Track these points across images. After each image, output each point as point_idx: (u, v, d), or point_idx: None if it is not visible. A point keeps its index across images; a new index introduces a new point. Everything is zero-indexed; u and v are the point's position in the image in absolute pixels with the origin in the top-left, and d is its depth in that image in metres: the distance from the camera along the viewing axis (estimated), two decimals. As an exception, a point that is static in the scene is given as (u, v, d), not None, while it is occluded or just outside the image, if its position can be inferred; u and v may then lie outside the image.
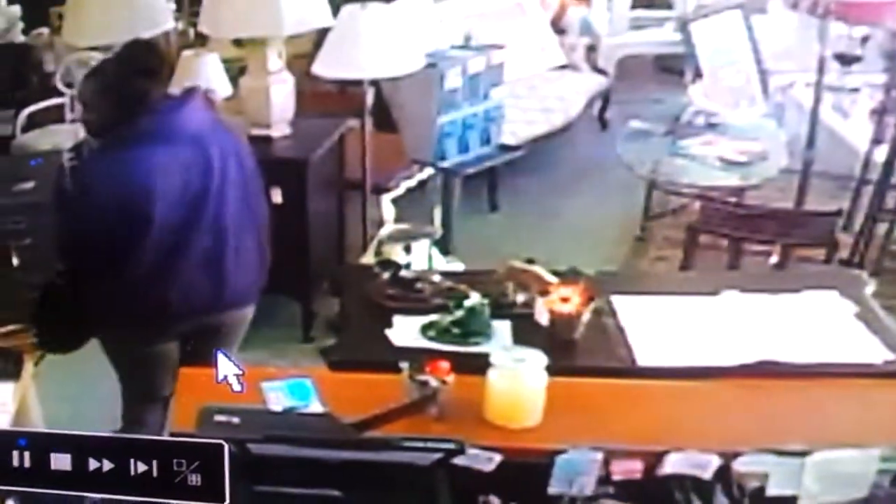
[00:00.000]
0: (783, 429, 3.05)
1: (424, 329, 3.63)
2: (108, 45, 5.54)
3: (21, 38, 7.35)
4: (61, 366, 4.14)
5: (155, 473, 2.33)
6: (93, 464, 2.33)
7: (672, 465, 2.85)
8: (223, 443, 2.33)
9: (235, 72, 5.73)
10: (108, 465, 2.33)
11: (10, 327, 3.91)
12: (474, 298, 3.68)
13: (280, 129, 5.53)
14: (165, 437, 2.58)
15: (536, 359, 3.10)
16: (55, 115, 6.44)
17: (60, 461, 2.33)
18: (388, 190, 6.37)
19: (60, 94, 6.20)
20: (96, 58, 5.68)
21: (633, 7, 9.04)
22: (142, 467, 2.32)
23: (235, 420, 2.73)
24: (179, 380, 3.36)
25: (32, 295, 4.00)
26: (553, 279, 3.76)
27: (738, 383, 3.32)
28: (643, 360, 3.50)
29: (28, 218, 5.13)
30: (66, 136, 5.61)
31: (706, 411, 3.18)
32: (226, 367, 2.89)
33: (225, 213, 3.88)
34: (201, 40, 6.30)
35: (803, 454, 2.84)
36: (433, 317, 3.67)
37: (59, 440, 2.35)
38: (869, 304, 3.83)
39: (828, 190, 6.83)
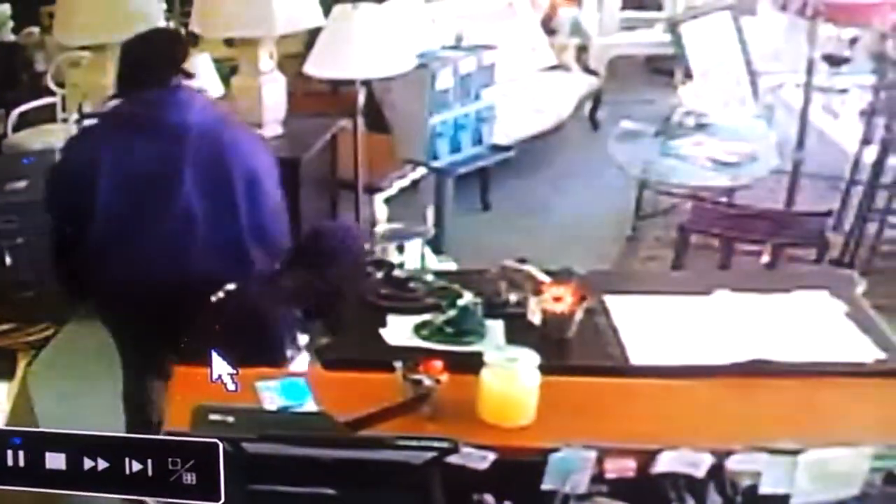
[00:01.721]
0: (776, 427, 3.05)
1: (418, 328, 3.63)
2: (99, 45, 5.56)
3: (11, 37, 7.34)
4: (55, 364, 4.15)
5: (150, 472, 2.32)
6: (87, 463, 2.33)
7: (665, 463, 2.86)
8: (218, 442, 2.33)
9: (227, 71, 5.73)
10: (102, 465, 2.32)
11: (4, 326, 3.91)
12: (467, 298, 3.69)
13: (272, 129, 5.53)
14: (160, 436, 2.57)
15: (529, 358, 3.10)
16: (46, 114, 6.44)
17: (55, 460, 2.33)
18: (380, 190, 6.38)
19: (52, 94, 6.20)
20: (87, 57, 5.70)
21: (624, 8, 9.06)
22: (136, 466, 2.32)
23: (230, 419, 2.74)
24: (174, 379, 3.36)
25: (26, 294, 4.01)
26: (545, 278, 3.76)
27: (731, 382, 3.32)
28: (636, 358, 3.50)
29: (20, 217, 5.14)
30: (57, 135, 5.60)
31: (699, 410, 3.19)
32: (220, 366, 2.89)
33: (194, 205, 3.95)
34: (193, 40, 6.29)
35: (796, 452, 2.85)
36: (426, 316, 3.68)
37: (53, 439, 2.35)
38: (859, 304, 3.84)
39: (818, 190, 6.84)
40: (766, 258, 4.70)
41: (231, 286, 3.97)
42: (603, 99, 8.48)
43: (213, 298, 3.96)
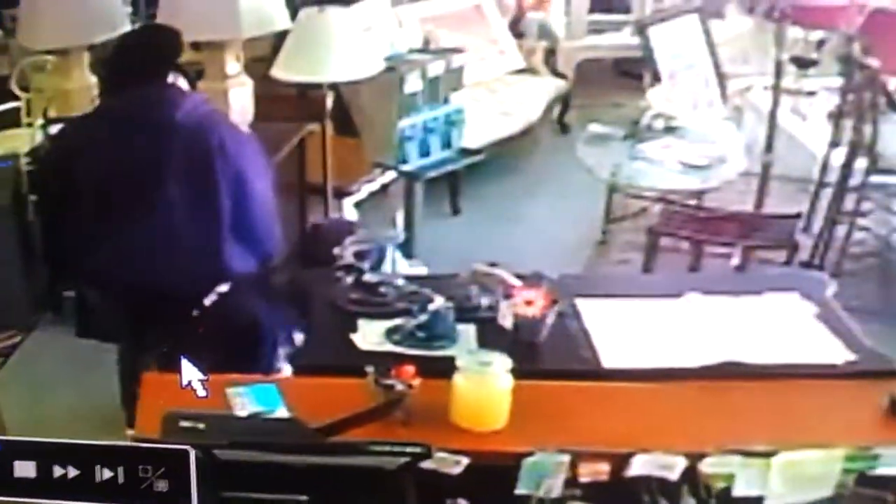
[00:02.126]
0: (748, 430, 3.06)
1: (389, 333, 3.62)
2: (64, 49, 5.52)
3: (-26, 41, 7.28)
4: (23, 372, 4.12)
5: (121, 480, 2.30)
6: (57, 471, 2.30)
7: (639, 466, 2.86)
8: (189, 449, 2.31)
9: (193, 75, 5.68)
10: (73, 472, 2.30)
11: (-28, 333, 3.88)
12: (438, 302, 3.68)
13: (240, 133, 5.50)
14: (131, 444, 2.56)
15: (501, 362, 3.10)
16: (10, 118, 6.37)
17: (25, 468, 2.30)
18: (349, 194, 6.36)
19: (16, 98, 6.14)
20: (52, 61, 5.66)
21: (592, 11, 9.05)
22: (107, 474, 2.30)
23: (201, 426, 2.71)
24: (143, 385, 3.34)
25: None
26: (517, 282, 3.76)
27: (703, 385, 3.33)
28: (608, 362, 3.50)
29: (-18, 223, 5.08)
30: (22, 140, 5.55)
31: (672, 413, 3.19)
32: (190, 372, 2.87)
33: (175, 202, 3.99)
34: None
35: (769, 455, 2.86)
36: (398, 321, 3.67)
37: (23, 447, 2.31)
38: (830, 306, 3.85)
39: (787, 192, 6.87)
40: (735, 260, 4.71)
41: (223, 288, 4.01)
42: (572, 102, 8.48)
43: (207, 301, 3.99)
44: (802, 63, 7.47)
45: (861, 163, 6.23)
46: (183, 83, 4.22)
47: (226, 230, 4.06)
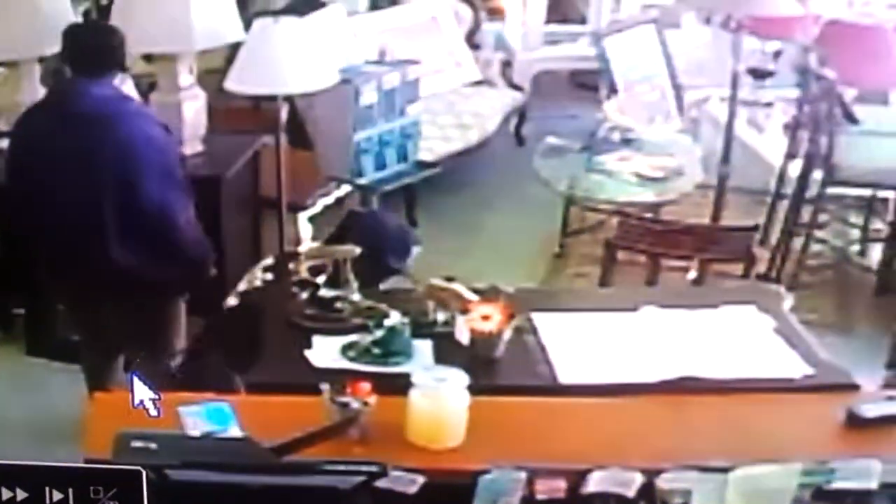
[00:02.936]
0: (705, 445, 3.05)
1: (344, 349, 3.59)
2: (12, 61, 5.45)
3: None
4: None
5: (71, 501, 2.28)
6: (6, 493, 2.28)
7: (596, 483, 2.84)
8: (141, 469, 2.29)
9: (145, 87, 5.64)
10: (22, 495, 2.28)
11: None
12: (394, 318, 3.65)
13: (192, 146, 5.44)
14: (81, 465, 2.52)
15: (458, 378, 3.07)
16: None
17: (-27, 490, 2.28)
18: (304, 208, 6.32)
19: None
20: (1, 72, 5.60)
21: (548, 22, 9.05)
22: (57, 496, 2.29)
23: (153, 446, 2.67)
24: (93, 404, 3.30)
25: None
26: (473, 297, 3.73)
27: (660, 399, 3.32)
28: (564, 377, 3.49)
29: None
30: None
31: (629, 428, 3.18)
32: (142, 391, 2.84)
33: (105, 197, 4.13)
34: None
35: (726, 470, 2.84)
36: (353, 337, 3.64)
37: (-29, 469, 2.29)
38: (787, 319, 3.86)
39: (743, 205, 6.89)
40: (693, 274, 4.70)
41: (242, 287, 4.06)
42: (528, 114, 8.48)
43: (226, 305, 4.02)
44: (759, 74, 7.50)
45: (818, 174, 6.25)
46: (130, 87, 4.27)
47: (112, 228, 4.17)
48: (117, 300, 4.29)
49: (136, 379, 2.87)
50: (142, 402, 2.82)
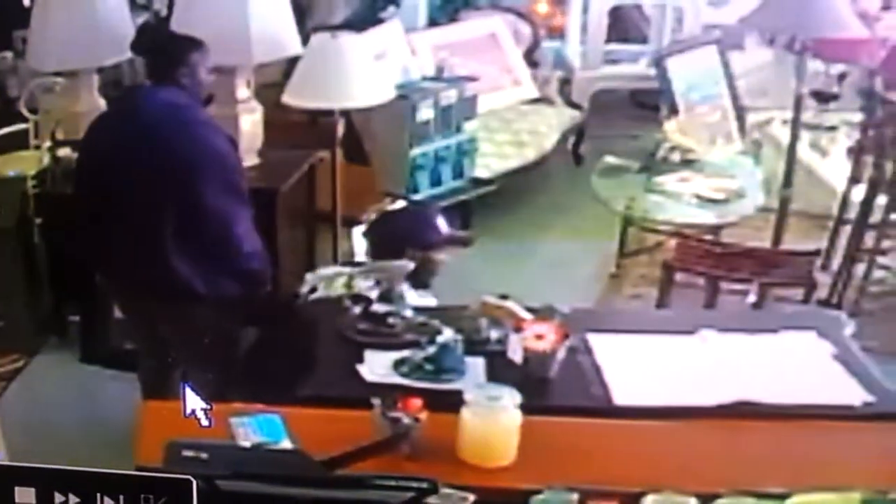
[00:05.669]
0: (762, 471, 3.00)
1: (396, 365, 3.58)
2: (72, 71, 5.49)
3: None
4: (25, 396, 4.10)
5: (122, 508, 2.27)
6: (58, 498, 2.27)
7: (649, 507, 2.80)
8: (191, 478, 2.27)
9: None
10: (73, 500, 2.27)
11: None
12: (447, 334, 3.64)
13: (249, 158, 5.44)
14: (133, 472, 2.51)
15: (510, 397, 3.04)
16: (19, 140, 6.35)
17: (25, 495, 2.26)
18: (359, 223, 6.31)
19: (24, 120, 6.13)
20: (60, 83, 5.64)
21: (608, 41, 9.00)
22: (109, 502, 2.27)
23: (203, 455, 2.67)
24: (145, 413, 3.30)
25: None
26: (527, 315, 3.71)
27: (716, 424, 3.29)
28: (619, 399, 3.46)
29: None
30: (29, 161, 5.54)
31: (684, 452, 3.14)
32: (193, 401, 2.82)
33: (166, 203, 4.12)
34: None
35: (783, 497, 2.79)
36: (405, 352, 3.62)
37: (23, 473, 2.27)
38: (847, 345, 3.80)
39: (805, 229, 6.81)
40: (752, 298, 4.64)
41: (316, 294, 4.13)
42: (586, 133, 8.43)
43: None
44: (823, 97, 7.42)
45: (881, 199, 6.16)
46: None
47: (170, 238, 4.15)
48: (174, 311, 4.27)
49: (188, 388, 2.86)
50: (193, 411, 2.81)
